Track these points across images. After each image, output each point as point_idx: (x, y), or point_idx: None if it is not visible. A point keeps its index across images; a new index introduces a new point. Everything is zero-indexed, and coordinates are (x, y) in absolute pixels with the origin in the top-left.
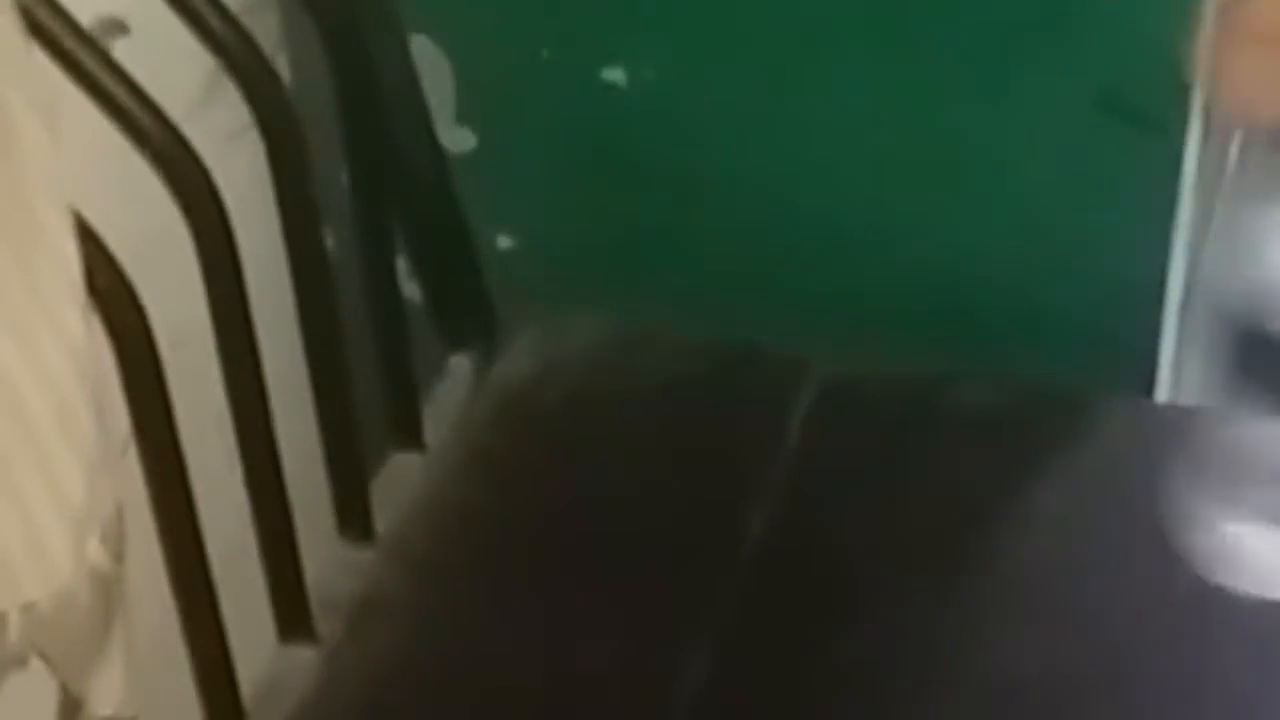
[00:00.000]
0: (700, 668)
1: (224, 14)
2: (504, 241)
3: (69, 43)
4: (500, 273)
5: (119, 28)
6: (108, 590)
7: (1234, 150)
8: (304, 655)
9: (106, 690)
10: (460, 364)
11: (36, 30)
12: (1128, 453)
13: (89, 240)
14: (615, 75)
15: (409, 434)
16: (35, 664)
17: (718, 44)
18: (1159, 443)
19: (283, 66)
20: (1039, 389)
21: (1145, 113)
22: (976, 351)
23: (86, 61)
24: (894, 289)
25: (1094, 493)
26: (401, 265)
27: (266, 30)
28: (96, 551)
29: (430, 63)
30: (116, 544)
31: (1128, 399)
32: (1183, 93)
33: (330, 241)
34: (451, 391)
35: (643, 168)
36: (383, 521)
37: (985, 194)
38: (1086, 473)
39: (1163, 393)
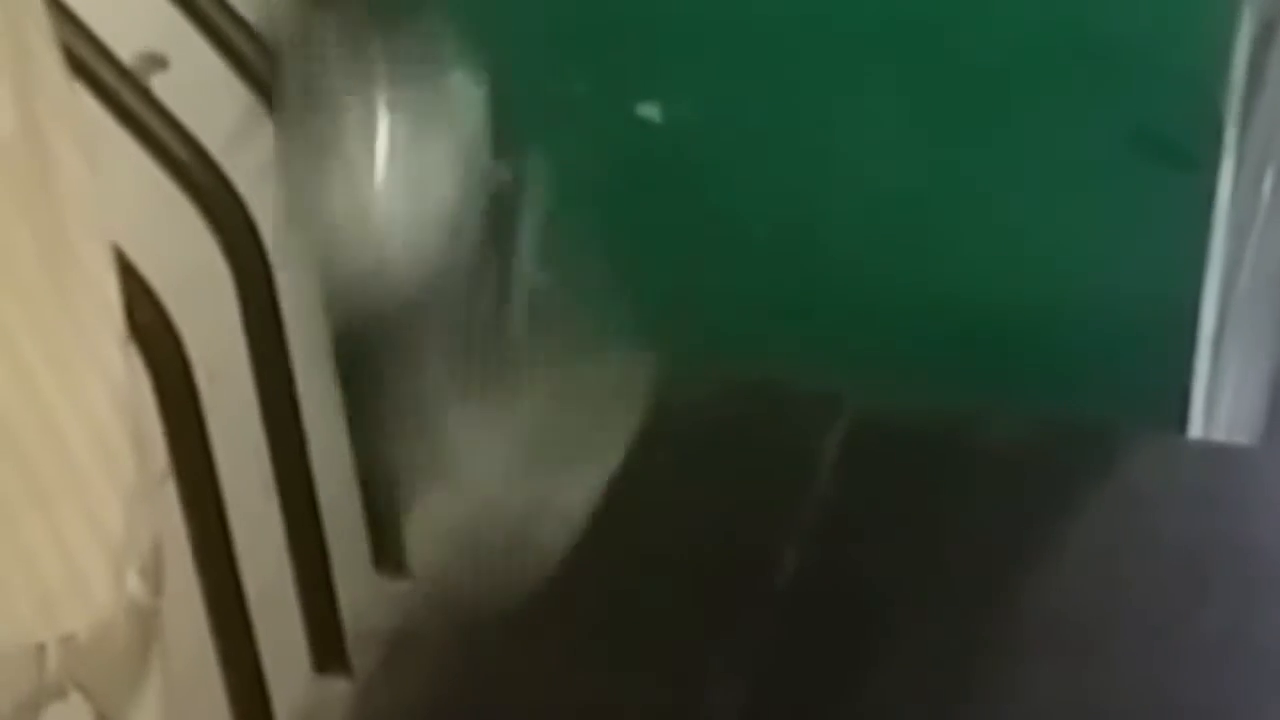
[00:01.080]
0: (733, 703)
1: (262, 48)
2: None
3: (108, 77)
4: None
5: (158, 62)
6: (146, 622)
7: (1267, 185)
8: (339, 687)
9: None
10: None
11: (76, 65)
12: (1160, 489)
13: (129, 275)
14: (650, 111)
15: None
16: (73, 694)
17: (753, 79)
18: (1192, 479)
19: None
20: (1070, 425)
21: (1177, 148)
22: (1008, 388)
23: (125, 96)
24: (925, 326)
25: (1126, 529)
26: None
27: None
28: (135, 584)
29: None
30: (155, 576)
31: (1160, 435)
32: (1215, 128)
33: None
34: None
35: (677, 203)
36: (418, 555)
37: (1017, 230)
38: (1118, 509)
39: (1196, 429)
